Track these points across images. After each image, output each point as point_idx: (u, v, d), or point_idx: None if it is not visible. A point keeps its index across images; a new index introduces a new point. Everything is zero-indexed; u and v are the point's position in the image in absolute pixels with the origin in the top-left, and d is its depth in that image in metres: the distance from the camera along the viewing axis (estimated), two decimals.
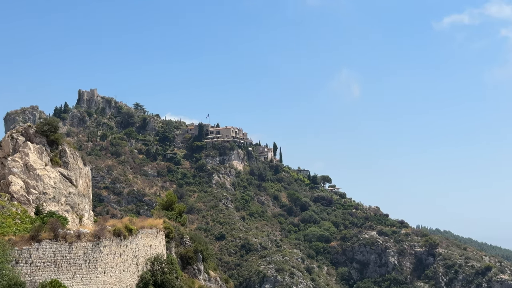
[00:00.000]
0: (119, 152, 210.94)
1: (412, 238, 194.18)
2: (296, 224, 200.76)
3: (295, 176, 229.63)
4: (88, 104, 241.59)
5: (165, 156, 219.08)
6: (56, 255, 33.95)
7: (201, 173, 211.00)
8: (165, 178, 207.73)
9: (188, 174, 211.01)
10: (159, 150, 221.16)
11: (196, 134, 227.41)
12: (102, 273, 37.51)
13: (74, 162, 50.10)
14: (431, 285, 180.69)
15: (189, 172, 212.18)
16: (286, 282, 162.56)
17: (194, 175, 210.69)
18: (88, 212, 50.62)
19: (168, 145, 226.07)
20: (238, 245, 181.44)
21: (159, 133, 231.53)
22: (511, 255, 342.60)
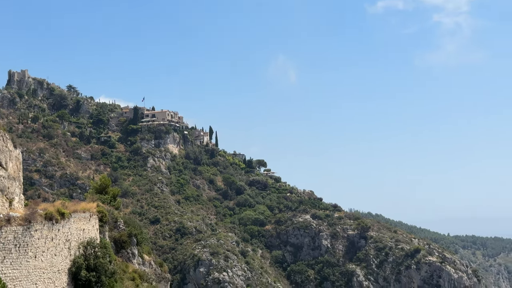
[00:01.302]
0: (51, 134, 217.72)
1: (345, 221, 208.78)
2: (231, 208, 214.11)
3: (231, 160, 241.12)
4: (18, 86, 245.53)
5: (99, 139, 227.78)
6: None
7: (136, 157, 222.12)
8: (99, 162, 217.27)
9: (123, 158, 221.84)
10: (93, 133, 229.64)
11: (131, 117, 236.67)
12: (33, 258, 39.69)
13: (3, 145, 50.32)
14: (362, 267, 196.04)
15: (123, 155, 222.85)
16: (220, 265, 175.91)
17: (129, 158, 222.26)
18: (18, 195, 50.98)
19: (102, 128, 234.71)
20: (173, 229, 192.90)
21: (93, 116, 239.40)
22: (439, 237, 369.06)
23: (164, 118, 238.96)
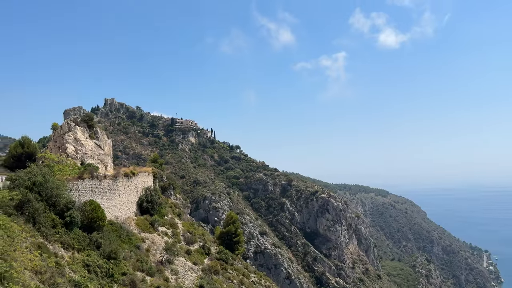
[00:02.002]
0: (127, 132, 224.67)
1: (280, 177, 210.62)
2: (222, 170, 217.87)
3: (222, 145, 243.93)
4: (110, 106, 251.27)
5: (153, 135, 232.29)
6: (92, 187, 35.36)
7: (173, 144, 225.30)
8: (153, 146, 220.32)
9: (166, 144, 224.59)
10: (150, 131, 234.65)
11: (170, 123, 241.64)
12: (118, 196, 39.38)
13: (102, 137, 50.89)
14: (289, 200, 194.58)
15: (166, 143, 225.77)
16: (216, 200, 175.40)
17: (169, 144, 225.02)
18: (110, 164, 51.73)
19: (154, 129, 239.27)
20: (191, 181, 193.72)
21: (149, 122, 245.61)
22: (328, 184, 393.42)
23: (187, 123, 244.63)
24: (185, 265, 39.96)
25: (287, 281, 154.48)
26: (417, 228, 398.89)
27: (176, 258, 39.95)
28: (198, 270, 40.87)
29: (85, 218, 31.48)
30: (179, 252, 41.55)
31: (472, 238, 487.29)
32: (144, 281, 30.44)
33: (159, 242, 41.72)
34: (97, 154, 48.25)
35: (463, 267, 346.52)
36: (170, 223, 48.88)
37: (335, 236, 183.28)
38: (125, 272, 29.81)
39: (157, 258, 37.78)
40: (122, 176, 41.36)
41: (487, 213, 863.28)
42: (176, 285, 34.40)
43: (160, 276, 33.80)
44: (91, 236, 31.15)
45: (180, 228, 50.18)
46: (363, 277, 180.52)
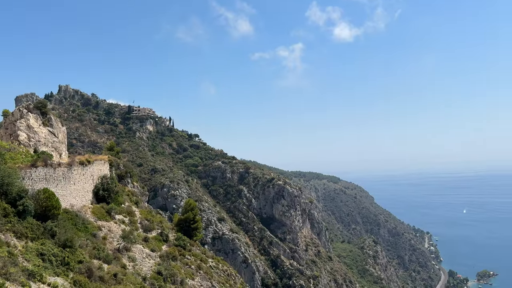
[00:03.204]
0: (83, 119, 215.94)
1: (238, 165, 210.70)
2: (181, 158, 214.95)
3: (181, 133, 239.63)
4: (64, 93, 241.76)
5: (109, 122, 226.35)
6: (46, 175, 34.41)
7: (130, 132, 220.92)
8: (109, 134, 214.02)
9: (122, 132, 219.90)
10: (106, 119, 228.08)
11: (127, 111, 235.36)
12: (73, 184, 38.54)
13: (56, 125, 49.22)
14: (246, 187, 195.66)
15: (122, 131, 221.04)
16: (175, 187, 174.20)
17: (126, 132, 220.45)
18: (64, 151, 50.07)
19: (111, 116, 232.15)
20: (149, 169, 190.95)
21: (106, 110, 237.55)
22: (285, 173, 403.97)
23: (145, 111, 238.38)
24: (143, 252, 39.52)
25: (244, 264, 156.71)
26: (365, 212, 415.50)
27: (134, 245, 39.37)
28: (156, 256, 40.55)
29: (39, 207, 30.58)
30: (136, 239, 40.94)
31: (415, 221, 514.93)
32: (101, 268, 29.84)
33: (116, 230, 40.89)
34: (51, 142, 46.82)
35: (407, 248, 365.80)
36: (127, 211, 47.92)
37: (290, 220, 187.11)
38: (81, 260, 29.08)
39: (114, 246, 37.05)
40: (77, 164, 40.26)
41: (428, 197, 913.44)
42: (134, 271, 33.99)
43: (117, 263, 33.24)
44: (45, 224, 30.16)
45: (138, 216, 49.35)
46: (315, 258, 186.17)
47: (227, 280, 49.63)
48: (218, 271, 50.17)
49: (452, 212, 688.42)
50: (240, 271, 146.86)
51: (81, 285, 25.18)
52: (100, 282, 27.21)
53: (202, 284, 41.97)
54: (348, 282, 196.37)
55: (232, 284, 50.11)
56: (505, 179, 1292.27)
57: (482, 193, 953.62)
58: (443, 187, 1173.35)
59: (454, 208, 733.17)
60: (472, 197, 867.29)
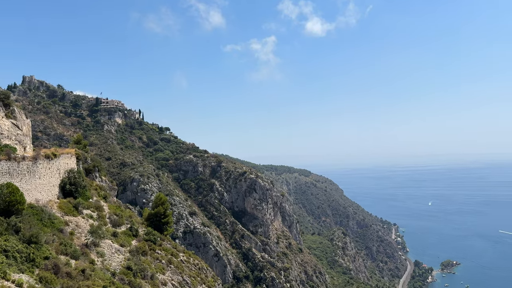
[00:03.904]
0: (48, 111, 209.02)
1: (210, 158, 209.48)
2: (151, 152, 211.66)
3: (151, 127, 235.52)
4: (28, 84, 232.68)
5: (76, 115, 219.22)
6: (10, 169, 33.63)
7: (98, 124, 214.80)
8: (76, 127, 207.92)
9: (90, 125, 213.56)
10: (73, 111, 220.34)
11: (94, 103, 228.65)
12: (39, 178, 37.60)
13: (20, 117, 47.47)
14: (218, 181, 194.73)
15: (90, 123, 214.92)
16: (145, 181, 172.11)
17: (93, 125, 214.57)
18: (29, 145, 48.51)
19: (78, 108, 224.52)
20: (118, 163, 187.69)
21: (73, 102, 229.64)
22: (257, 166, 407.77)
23: (113, 104, 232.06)
24: (112, 247, 38.96)
25: (216, 258, 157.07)
26: (335, 205, 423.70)
27: (102, 240, 38.72)
28: (126, 251, 40.07)
29: (1, 202, 29.70)
30: (105, 234, 40.26)
31: (382, 213, 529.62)
32: (69, 264, 29.27)
33: (83, 225, 40.07)
34: (14, 135, 45.03)
35: (374, 239, 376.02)
36: (96, 205, 46.98)
37: (262, 214, 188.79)
38: (47, 256, 28.40)
39: (82, 241, 36.35)
40: (42, 158, 38.96)
41: (396, 190, 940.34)
42: (103, 267, 33.51)
43: (85, 259, 32.66)
44: (9, 220, 29.29)
45: (106, 211, 48.50)
46: (286, 251, 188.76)
47: (198, 274, 49.68)
48: (189, 265, 50.14)
49: (418, 204, 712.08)
50: (212, 265, 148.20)
51: (48, 282, 24.64)
52: (67, 278, 26.69)
53: (173, 279, 41.87)
54: (318, 273, 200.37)
55: (203, 277, 50.19)
56: (469, 172, 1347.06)
57: (447, 186, 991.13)
58: (410, 180, 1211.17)
59: (420, 200, 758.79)
60: (437, 190, 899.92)
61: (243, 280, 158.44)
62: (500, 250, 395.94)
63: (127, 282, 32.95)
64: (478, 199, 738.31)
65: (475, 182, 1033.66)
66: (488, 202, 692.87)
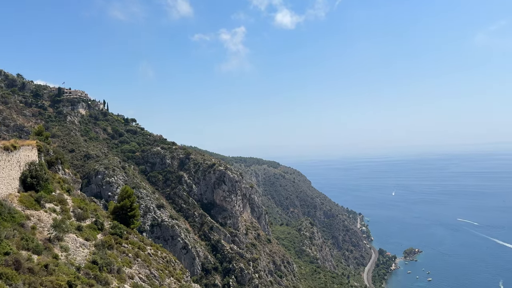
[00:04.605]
0: (7, 101, 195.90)
1: (178, 150, 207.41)
2: (117, 144, 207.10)
3: (116, 118, 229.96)
4: None
5: (37, 105, 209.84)
6: None
7: (60, 115, 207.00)
8: (37, 117, 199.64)
9: (52, 116, 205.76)
10: (33, 101, 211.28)
11: (56, 93, 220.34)
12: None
13: None
14: (187, 173, 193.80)
15: (52, 114, 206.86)
16: (110, 174, 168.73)
17: (56, 116, 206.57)
18: None
19: (39, 99, 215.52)
20: (82, 155, 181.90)
21: (33, 92, 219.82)
22: (226, 158, 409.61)
23: (77, 94, 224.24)
24: (76, 242, 37.96)
25: (184, 250, 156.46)
26: (303, 196, 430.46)
27: (66, 234, 37.58)
28: (91, 245, 39.16)
29: None
30: (69, 228, 39.07)
31: (348, 203, 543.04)
32: (31, 259, 28.28)
33: (46, 219, 38.76)
34: None
35: (341, 229, 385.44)
36: (59, 199, 45.44)
37: (231, 205, 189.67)
38: (7, 251, 27.30)
39: (45, 236, 35.20)
40: (1, 150, 37.62)
41: (361, 181, 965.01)
42: (67, 262, 32.60)
43: (48, 253, 31.65)
44: None
45: (70, 204, 47.04)
46: (255, 242, 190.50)
47: (166, 266, 49.33)
48: (157, 258, 49.66)
49: (382, 195, 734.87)
50: (180, 257, 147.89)
51: (8, 278, 23.75)
52: (29, 274, 25.83)
53: (140, 272, 41.38)
54: (286, 263, 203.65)
55: (171, 270, 49.89)
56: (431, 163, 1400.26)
57: (409, 176, 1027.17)
58: (375, 171, 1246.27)
59: (384, 190, 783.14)
60: (400, 180, 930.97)
61: (212, 272, 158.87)
62: (459, 237, 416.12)
63: (92, 276, 32.29)
64: (438, 189, 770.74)
65: (436, 173, 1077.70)
66: (447, 191, 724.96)
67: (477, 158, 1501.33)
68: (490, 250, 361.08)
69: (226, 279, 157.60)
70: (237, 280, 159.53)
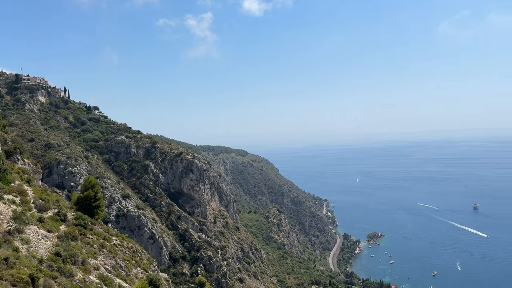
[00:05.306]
0: None
1: (144, 139, 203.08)
2: (79, 133, 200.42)
3: (78, 106, 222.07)
4: None
5: None
6: None
7: (18, 103, 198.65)
8: None
9: (10, 104, 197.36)
10: None
11: (14, 80, 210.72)
12: None
13: None
14: (153, 163, 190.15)
15: (9, 102, 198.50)
16: (73, 164, 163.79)
17: (13, 104, 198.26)
18: None
19: None
20: (42, 144, 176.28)
21: None
22: (194, 147, 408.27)
23: (35, 81, 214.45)
24: (38, 233, 36.92)
25: (151, 240, 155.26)
26: (270, 183, 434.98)
27: (27, 226, 36.44)
28: (54, 237, 38.19)
29: None
30: (30, 220, 37.89)
31: (314, 190, 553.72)
32: None
33: (5, 211, 37.41)
34: None
35: (307, 215, 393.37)
36: (18, 190, 43.87)
37: (199, 194, 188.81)
38: None
39: (4, 228, 34.03)
40: None
41: (327, 168, 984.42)
42: (29, 254, 31.76)
43: (8, 246, 30.69)
44: None
45: (31, 195, 45.50)
46: (223, 230, 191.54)
47: (132, 257, 48.90)
48: (123, 248, 49.09)
49: (347, 181, 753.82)
50: (147, 247, 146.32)
51: None
52: None
53: (106, 263, 40.86)
54: (254, 250, 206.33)
55: (138, 260, 49.51)
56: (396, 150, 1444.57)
57: (374, 163, 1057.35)
58: (340, 158, 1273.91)
59: (349, 177, 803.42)
60: (365, 167, 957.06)
61: (180, 261, 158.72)
62: (419, 221, 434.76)
63: (56, 268, 31.64)
64: (401, 175, 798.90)
65: (401, 159, 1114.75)
66: (411, 177, 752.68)
67: (440, 145, 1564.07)
68: (449, 233, 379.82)
69: (195, 268, 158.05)
70: (206, 268, 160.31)
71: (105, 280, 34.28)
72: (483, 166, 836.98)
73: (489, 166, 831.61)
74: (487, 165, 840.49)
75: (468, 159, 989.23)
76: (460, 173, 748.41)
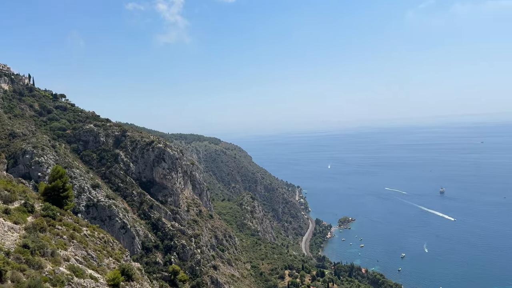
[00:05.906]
0: None
1: (113, 128, 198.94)
2: (45, 121, 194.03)
3: (44, 93, 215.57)
4: None
5: None
6: None
7: None
8: None
9: None
10: None
11: None
12: None
13: None
14: (124, 151, 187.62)
15: None
16: (39, 154, 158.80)
17: None
18: None
19: None
20: (6, 134, 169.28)
21: None
22: (166, 135, 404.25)
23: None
24: (4, 225, 35.87)
25: (123, 230, 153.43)
26: (244, 171, 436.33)
27: None
28: (21, 229, 37.20)
29: None
30: None
31: (287, 177, 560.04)
32: None
33: None
34: None
35: (280, 201, 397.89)
36: None
37: (171, 183, 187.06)
38: None
39: None
40: None
41: (299, 155, 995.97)
42: None
43: None
44: None
45: None
46: (197, 218, 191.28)
47: (104, 247, 48.26)
48: (94, 239, 48.34)
49: (319, 168, 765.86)
50: (119, 237, 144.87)
51: None
52: None
53: (76, 254, 40.18)
54: (228, 237, 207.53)
55: (110, 250, 48.91)
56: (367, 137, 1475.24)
57: (345, 149, 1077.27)
58: (312, 145, 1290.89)
59: (321, 163, 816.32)
60: (336, 154, 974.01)
61: (152, 250, 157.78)
62: (389, 205, 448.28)
63: (24, 261, 30.93)
64: (370, 161, 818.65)
65: (370, 146, 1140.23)
66: (378, 163, 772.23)
67: (407, 131, 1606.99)
68: (416, 217, 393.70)
69: (168, 256, 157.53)
70: (179, 257, 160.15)
71: (76, 271, 33.75)
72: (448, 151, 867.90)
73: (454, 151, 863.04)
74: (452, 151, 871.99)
75: (433, 145, 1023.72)
76: (426, 159, 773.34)
